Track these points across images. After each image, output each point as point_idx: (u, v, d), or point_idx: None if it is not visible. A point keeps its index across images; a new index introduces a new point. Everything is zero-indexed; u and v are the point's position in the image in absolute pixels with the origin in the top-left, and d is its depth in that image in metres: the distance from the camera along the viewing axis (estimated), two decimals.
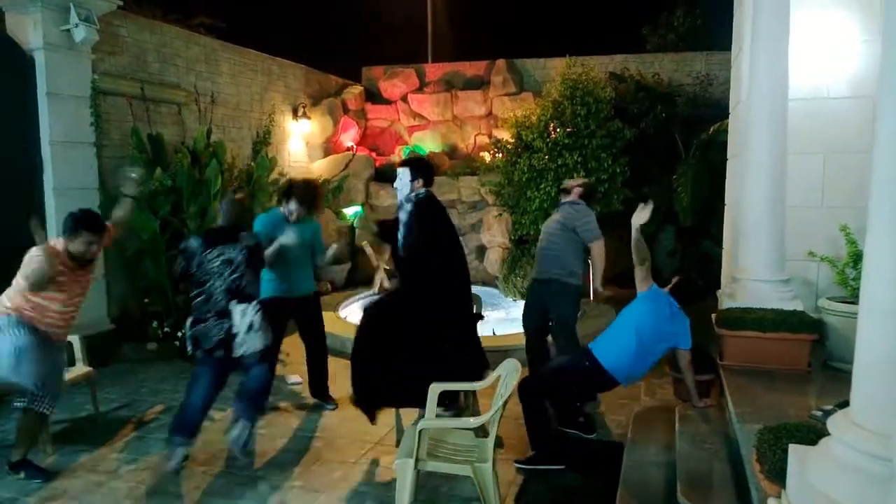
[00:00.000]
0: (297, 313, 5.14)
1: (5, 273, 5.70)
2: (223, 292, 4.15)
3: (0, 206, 5.69)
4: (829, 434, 2.10)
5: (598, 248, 4.96)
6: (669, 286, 4.23)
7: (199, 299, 4.20)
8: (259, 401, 4.38)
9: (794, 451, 2.21)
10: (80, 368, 4.83)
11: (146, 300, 6.71)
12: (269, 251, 4.53)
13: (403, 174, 4.49)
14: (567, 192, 5.14)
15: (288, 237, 4.58)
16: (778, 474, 2.34)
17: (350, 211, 10.19)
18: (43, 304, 4.08)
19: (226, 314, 4.14)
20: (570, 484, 3.88)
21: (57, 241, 4.20)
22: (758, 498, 2.61)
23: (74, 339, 4.93)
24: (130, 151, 6.73)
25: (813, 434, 2.40)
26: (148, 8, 11.14)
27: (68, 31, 6.03)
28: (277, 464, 4.22)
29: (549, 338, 5.17)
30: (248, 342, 4.19)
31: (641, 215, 4.15)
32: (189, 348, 4.27)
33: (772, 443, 2.46)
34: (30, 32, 5.89)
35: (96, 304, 6.42)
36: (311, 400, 5.36)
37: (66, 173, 6.13)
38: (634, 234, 4.12)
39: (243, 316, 4.18)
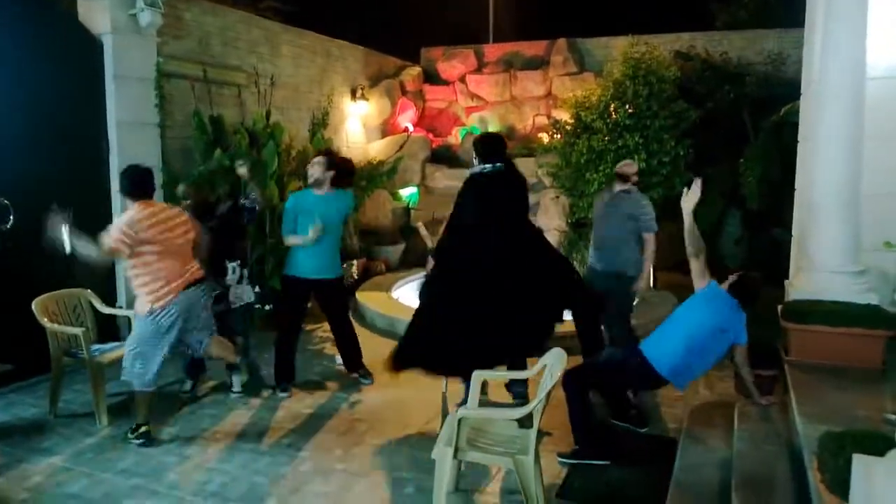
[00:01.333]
0: (317, 295, 5.27)
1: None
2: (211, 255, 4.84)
3: (71, 183, 5.88)
4: None
5: (653, 241, 4.83)
6: (728, 283, 3.95)
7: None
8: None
9: (860, 461, 2.03)
10: None
11: None
12: (287, 241, 5.03)
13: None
14: (626, 178, 4.93)
15: (294, 239, 4.96)
16: (840, 485, 2.17)
17: (406, 192, 10.17)
18: None
19: (220, 275, 5.08)
20: (616, 480, 3.74)
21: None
22: None
23: (132, 314, 5.05)
24: (192, 132, 6.86)
25: (881, 443, 2.21)
26: None
27: (135, 15, 6.15)
28: (320, 444, 4.23)
29: (603, 326, 5.01)
30: (241, 293, 5.25)
31: (691, 197, 3.92)
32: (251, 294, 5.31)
33: (835, 450, 2.28)
34: (98, 18, 6.03)
35: None
36: (356, 380, 5.38)
37: (131, 153, 6.26)
38: (687, 220, 3.90)
39: (234, 271, 5.18)
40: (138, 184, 4.28)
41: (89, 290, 5.03)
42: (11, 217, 5.29)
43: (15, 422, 4.60)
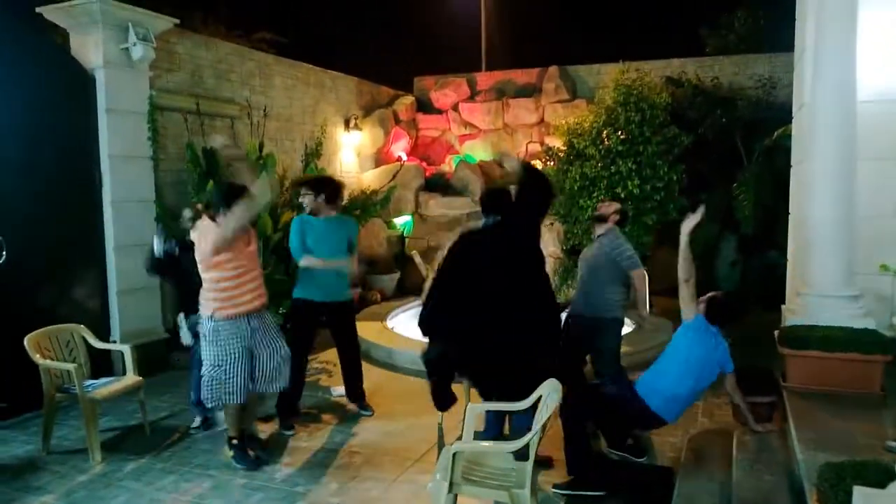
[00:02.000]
0: (328, 319, 5.13)
1: (70, 280, 5.94)
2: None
3: (63, 218, 5.87)
4: None
5: (640, 278, 4.77)
6: (702, 309, 3.91)
7: (183, 294, 4.84)
8: None
9: (860, 494, 2.00)
10: (130, 378, 4.90)
11: None
12: (304, 262, 4.88)
13: None
14: (603, 219, 4.88)
15: (308, 260, 4.87)
16: None
17: (400, 221, 10.18)
18: None
19: None
20: None
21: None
22: None
23: (125, 349, 5.03)
24: (186, 165, 6.87)
25: (882, 474, 2.19)
26: (213, 24, 11.51)
27: (127, 49, 6.20)
28: (316, 478, 4.16)
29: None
30: None
31: (692, 221, 3.92)
32: (186, 340, 4.85)
33: (834, 482, 2.25)
34: (91, 52, 6.08)
35: (152, 313, 6.57)
36: (354, 411, 5.32)
37: (124, 186, 6.29)
38: (683, 242, 3.89)
39: None
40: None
41: (82, 326, 4.98)
42: (4, 252, 5.27)
43: (7, 459, 4.52)
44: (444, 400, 4.16)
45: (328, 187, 5.10)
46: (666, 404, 3.78)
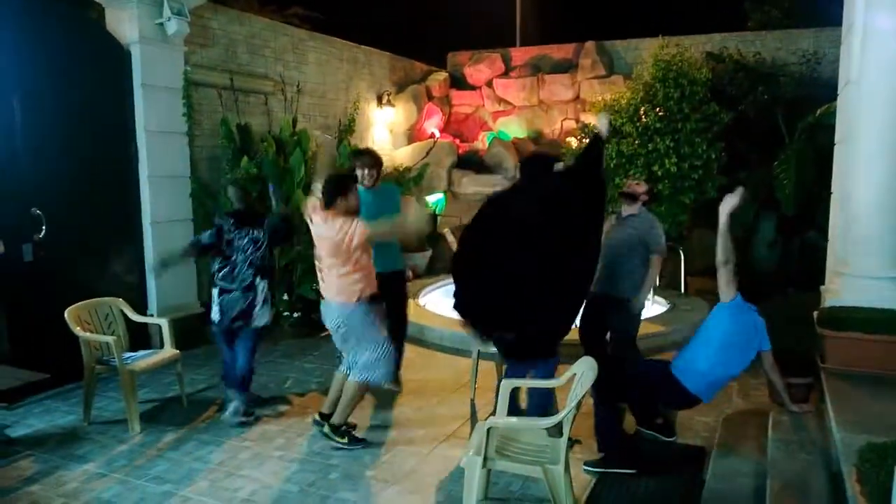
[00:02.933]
0: (384, 289, 4.95)
1: (107, 255, 6.07)
2: (248, 267, 4.70)
3: (100, 193, 5.99)
4: None
5: (658, 264, 4.74)
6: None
7: (223, 272, 4.72)
8: (248, 380, 4.86)
9: None
10: (167, 351, 5.01)
11: None
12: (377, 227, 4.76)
13: None
14: (633, 197, 4.77)
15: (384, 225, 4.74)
16: (881, 498, 2.09)
17: (432, 198, 10.17)
18: None
19: (251, 288, 4.71)
20: (645, 489, 3.66)
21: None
22: None
23: (163, 322, 5.14)
24: (220, 141, 6.94)
25: None
26: (245, 0, 11.52)
27: (162, 24, 6.25)
28: (349, 452, 4.22)
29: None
30: (261, 315, 4.78)
31: (731, 201, 3.79)
32: (216, 316, 4.76)
33: (875, 462, 2.21)
34: (126, 27, 6.14)
35: (187, 287, 6.69)
36: (386, 386, 5.36)
37: (159, 162, 6.38)
38: (722, 222, 3.77)
39: (263, 290, 4.77)
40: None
41: (121, 299, 5.10)
42: (44, 227, 5.39)
43: (50, 429, 4.67)
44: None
45: (369, 155, 5.21)
46: (701, 383, 3.73)
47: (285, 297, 7.08)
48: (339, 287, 4.16)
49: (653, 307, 7.02)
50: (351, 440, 4.29)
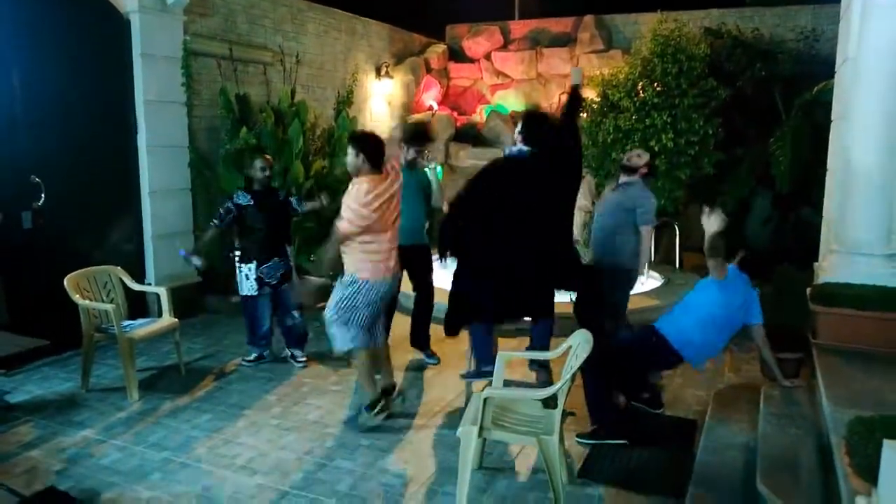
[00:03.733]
0: (405, 262, 4.97)
1: (106, 224, 6.07)
2: (276, 238, 5.16)
3: (99, 161, 5.96)
4: None
5: (648, 233, 4.85)
6: (736, 260, 3.96)
7: (252, 246, 5.10)
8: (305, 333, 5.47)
9: (890, 447, 2.00)
10: (166, 319, 5.05)
11: (231, 254, 6.91)
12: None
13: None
14: (632, 170, 4.85)
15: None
16: (869, 471, 2.14)
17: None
18: None
19: (284, 254, 5.24)
20: (637, 460, 3.73)
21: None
22: (846, 494, 2.41)
23: (161, 291, 5.17)
24: (219, 111, 6.90)
25: None
26: None
27: None
28: (346, 421, 4.29)
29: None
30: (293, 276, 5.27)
31: (713, 223, 3.89)
32: (253, 287, 5.13)
33: (864, 435, 2.26)
34: None
35: None
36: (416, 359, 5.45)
37: (158, 132, 6.35)
38: (708, 237, 3.88)
39: (291, 255, 5.35)
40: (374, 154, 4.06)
41: (119, 268, 5.12)
42: (43, 195, 5.38)
43: (49, 396, 4.72)
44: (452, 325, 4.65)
45: (422, 133, 5.47)
46: (689, 346, 3.85)
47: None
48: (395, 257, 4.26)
49: (647, 281, 7.07)
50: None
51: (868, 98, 4.40)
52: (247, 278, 5.14)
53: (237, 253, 5.20)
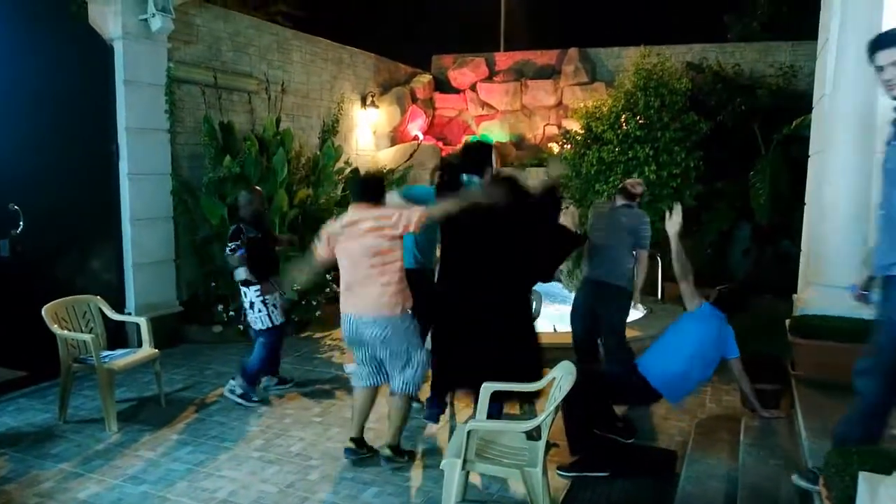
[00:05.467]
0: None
1: (86, 252, 6.02)
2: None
3: (80, 189, 5.93)
4: None
5: (646, 258, 4.93)
6: (712, 298, 4.04)
7: (276, 277, 5.18)
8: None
9: (865, 479, 2.03)
10: (146, 350, 4.99)
11: (213, 284, 6.89)
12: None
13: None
14: (632, 197, 4.96)
15: None
16: (846, 503, 2.16)
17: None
18: None
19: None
20: (619, 492, 3.72)
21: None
22: None
23: (141, 321, 5.11)
24: (202, 139, 6.91)
25: (888, 461, 2.20)
26: None
27: (146, 20, 6.22)
28: (329, 453, 4.24)
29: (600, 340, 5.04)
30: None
31: (673, 222, 3.97)
32: (280, 316, 5.16)
33: (841, 468, 2.27)
34: (110, 22, 6.10)
35: (166, 286, 6.66)
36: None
37: (140, 159, 6.34)
38: (674, 244, 3.94)
39: None
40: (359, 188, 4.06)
41: (98, 297, 5.06)
42: (21, 223, 5.34)
43: (25, 427, 4.63)
44: None
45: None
46: (666, 383, 3.88)
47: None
48: (380, 299, 3.84)
49: (631, 311, 7.10)
50: (409, 455, 4.14)
51: (843, 134, 4.52)
52: (275, 308, 5.12)
53: (256, 287, 5.04)
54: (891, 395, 2.75)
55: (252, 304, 5.07)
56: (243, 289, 5.09)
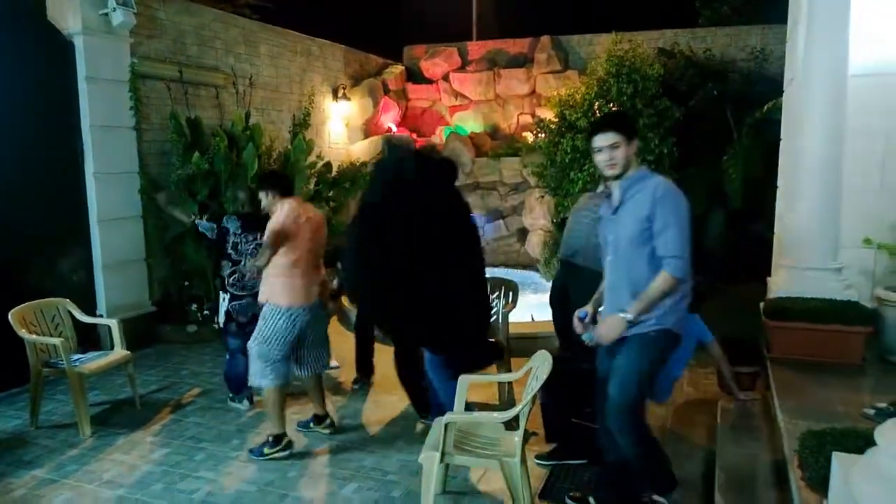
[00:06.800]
0: None
1: (54, 254, 5.89)
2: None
3: (44, 189, 5.79)
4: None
5: None
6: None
7: (233, 277, 4.76)
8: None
9: (839, 459, 2.04)
10: (118, 352, 4.89)
11: (186, 283, 6.78)
12: None
13: None
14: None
15: None
16: (820, 483, 2.19)
17: None
18: None
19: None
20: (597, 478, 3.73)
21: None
22: None
23: (112, 323, 5.02)
24: (169, 135, 6.78)
25: (861, 441, 2.23)
26: None
27: (106, 14, 6.06)
28: (308, 449, 4.21)
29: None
30: None
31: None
32: (220, 320, 4.88)
33: (815, 449, 2.30)
34: (69, 17, 5.93)
35: (138, 286, 6.54)
36: (347, 385, 5.38)
37: (106, 158, 6.20)
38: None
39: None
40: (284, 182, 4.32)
41: (68, 300, 4.95)
42: None
43: None
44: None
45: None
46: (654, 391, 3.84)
47: None
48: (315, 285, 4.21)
49: None
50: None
51: (813, 116, 4.56)
52: (220, 307, 4.98)
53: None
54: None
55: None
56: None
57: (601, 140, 3.02)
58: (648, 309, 2.91)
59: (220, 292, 4.94)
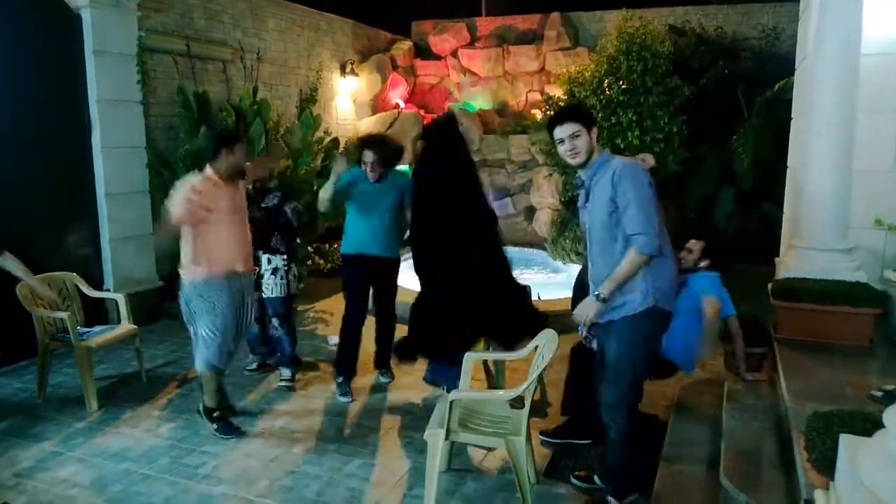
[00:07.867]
0: (368, 274, 4.75)
1: (61, 228, 5.90)
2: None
3: (51, 164, 5.79)
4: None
5: None
6: (704, 264, 4.06)
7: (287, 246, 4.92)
8: None
9: (846, 441, 2.02)
10: (124, 326, 4.92)
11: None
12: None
13: None
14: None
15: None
16: (827, 465, 2.16)
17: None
18: None
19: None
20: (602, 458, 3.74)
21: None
22: (805, 487, 2.44)
23: (119, 297, 5.03)
24: (177, 110, 6.75)
25: (868, 423, 2.21)
26: None
27: None
28: (313, 427, 4.23)
29: None
30: None
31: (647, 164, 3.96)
32: (281, 293, 4.84)
33: (821, 430, 2.28)
34: None
35: (145, 261, 6.55)
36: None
37: (113, 132, 6.18)
38: None
39: None
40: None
41: (75, 274, 4.97)
42: None
43: (3, 407, 4.56)
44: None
45: (392, 152, 5.02)
46: (685, 357, 3.89)
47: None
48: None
49: None
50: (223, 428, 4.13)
51: (824, 95, 4.48)
52: (294, 277, 5.02)
53: (283, 255, 4.92)
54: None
55: (276, 270, 4.82)
56: (268, 255, 4.83)
57: (561, 131, 3.05)
58: (620, 287, 2.96)
59: (284, 264, 4.86)
